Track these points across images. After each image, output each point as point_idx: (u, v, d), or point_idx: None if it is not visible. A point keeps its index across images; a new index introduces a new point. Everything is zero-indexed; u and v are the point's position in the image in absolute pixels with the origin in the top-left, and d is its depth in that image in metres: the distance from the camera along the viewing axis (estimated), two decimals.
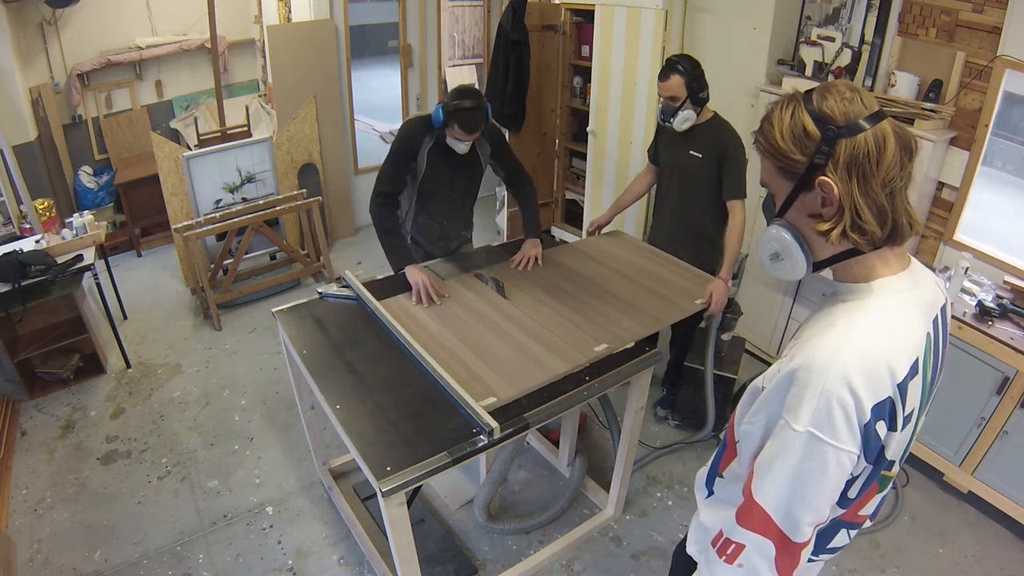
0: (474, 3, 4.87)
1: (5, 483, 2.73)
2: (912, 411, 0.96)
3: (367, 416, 1.73)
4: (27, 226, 3.68)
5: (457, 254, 2.66)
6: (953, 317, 2.47)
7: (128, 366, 3.49)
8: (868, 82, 2.85)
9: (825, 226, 0.93)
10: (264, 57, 4.94)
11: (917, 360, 0.94)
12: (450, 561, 2.38)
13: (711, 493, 1.20)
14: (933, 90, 2.65)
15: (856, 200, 0.90)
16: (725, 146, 2.49)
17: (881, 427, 0.90)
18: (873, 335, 0.91)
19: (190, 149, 4.09)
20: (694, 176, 2.60)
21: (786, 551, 0.94)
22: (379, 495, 1.53)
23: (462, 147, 2.38)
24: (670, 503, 2.66)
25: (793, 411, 0.90)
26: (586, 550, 2.45)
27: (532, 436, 2.88)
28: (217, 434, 3.02)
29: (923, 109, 2.58)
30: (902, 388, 0.90)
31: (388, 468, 1.55)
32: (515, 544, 2.47)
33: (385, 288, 2.33)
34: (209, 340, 3.73)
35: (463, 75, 5.99)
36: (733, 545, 0.99)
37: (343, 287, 2.32)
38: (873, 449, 0.91)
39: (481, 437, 1.65)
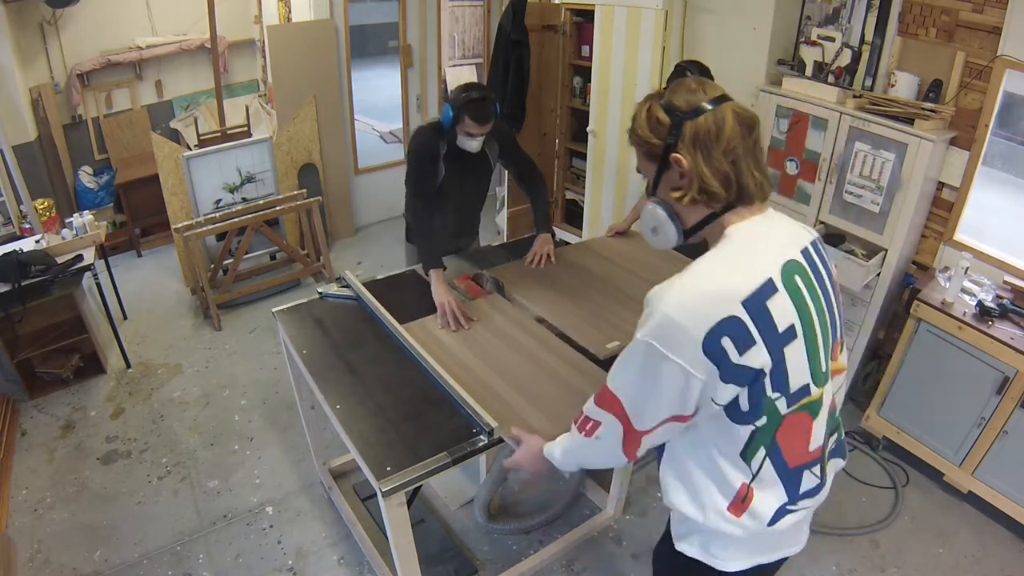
0: (474, 3, 4.87)
1: (5, 483, 2.73)
2: (790, 326, 1.06)
3: (367, 416, 1.73)
4: (27, 226, 3.68)
5: (457, 255, 2.66)
6: (953, 317, 2.47)
7: (128, 366, 3.49)
8: (868, 82, 2.85)
9: (678, 194, 1.11)
10: (264, 57, 4.94)
11: (771, 280, 1.05)
12: (450, 561, 2.38)
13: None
14: (933, 90, 2.65)
15: (701, 169, 1.07)
16: None
17: (728, 344, 1.02)
18: (709, 269, 1.08)
19: (190, 149, 4.09)
20: None
21: (631, 434, 1.15)
22: (379, 495, 1.53)
23: (474, 144, 2.36)
24: None
25: (641, 326, 1.08)
26: (586, 550, 2.45)
27: None
28: (217, 434, 3.02)
29: (923, 109, 2.58)
30: (753, 305, 1.02)
31: (388, 468, 1.55)
32: (515, 544, 2.47)
33: (386, 288, 2.33)
34: (209, 340, 3.73)
35: (463, 75, 5.99)
36: (591, 422, 1.21)
37: (343, 287, 2.32)
38: (727, 367, 1.03)
39: (481, 437, 1.65)
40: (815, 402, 1.13)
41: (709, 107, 1.07)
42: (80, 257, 3.20)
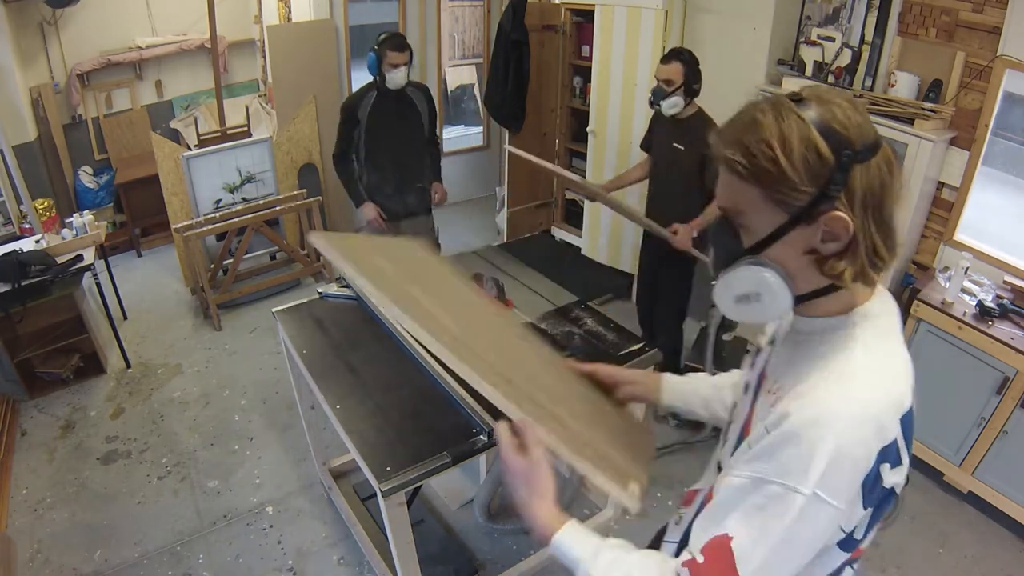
0: (474, 3, 4.87)
1: (5, 483, 2.73)
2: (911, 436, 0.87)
3: (367, 416, 1.73)
4: (27, 226, 3.68)
5: (457, 255, 2.67)
6: (953, 317, 2.47)
7: (128, 366, 3.49)
8: (868, 82, 2.85)
9: (840, 266, 0.79)
10: (264, 57, 4.94)
11: (912, 387, 0.85)
12: (450, 561, 2.38)
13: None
14: (933, 90, 2.65)
15: (872, 234, 0.79)
16: (707, 149, 2.54)
17: (885, 469, 0.82)
18: (874, 375, 0.81)
19: (190, 149, 4.09)
20: (675, 168, 2.73)
21: None
22: (379, 495, 1.53)
23: (400, 75, 2.84)
24: (670, 503, 2.66)
25: (798, 473, 0.77)
26: None
27: None
28: (217, 434, 3.02)
29: (923, 109, 2.58)
30: (905, 422, 0.82)
31: (388, 468, 1.55)
32: (515, 544, 2.47)
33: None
34: (209, 340, 3.73)
35: (463, 75, 5.99)
36: None
37: (343, 287, 2.32)
38: (877, 494, 0.84)
39: (481, 437, 1.65)
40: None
41: (879, 141, 0.77)
42: (80, 257, 3.20)
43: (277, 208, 3.95)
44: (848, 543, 0.88)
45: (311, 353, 2.00)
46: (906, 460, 0.84)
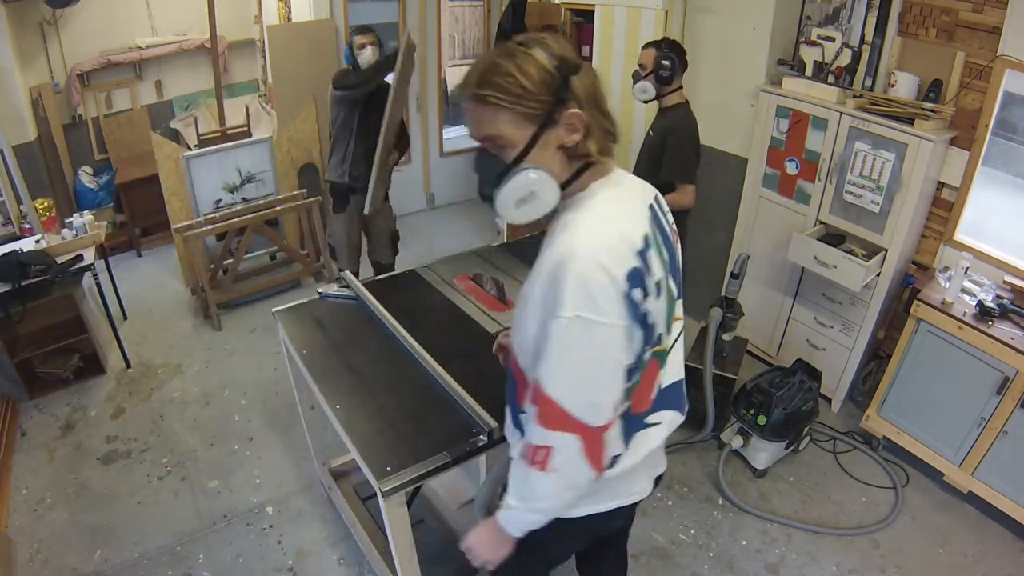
0: (474, 3, 4.87)
1: (5, 483, 2.73)
2: (659, 280, 1.09)
3: (367, 416, 1.73)
4: (27, 226, 3.68)
5: (457, 255, 2.67)
6: (953, 317, 2.47)
7: (128, 366, 3.49)
8: (868, 82, 2.85)
9: (588, 145, 1.06)
10: (264, 57, 4.94)
11: (647, 235, 1.07)
12: (450, 561, 2.38)
13: (524, 434, 1.18)
14: (933, 90, 2.65)
15: (600, 119, 1.06)
16: (673, 126, 2.67)
17: (638, 294, 1.02)
18: (603, 221, 1.05)
19: (190, 149, 4.09)
20: (645, 153, 2.81)
21: (591, 439, 1.03)
22: (379, 495, 1.53)
23: (368, 53, 3.17)
24: (670, 503, 2.66)
25: (559, 303, 0.99)
26: None
27: None
28: (217, 434, 3.02)
29: (923, 109, 2.57)
30: (644, 256, 1.04)
31: (388, 468, 1.55)
32: None
33: (385, 288, 2.33)
34: (209, 340, 3.73)
35: (463, 75, 5.98)
36: (541, 450, 1.05)
37: (343, 287, 2.32)
38: (637, 315, 1.03)
39: (481, 437, 1.65)
40: (664, 351, 1.18)
41: (581, 61, 1.06)
42: (80, 257, 3.20)
43: (277, 208, 3.94)
44: (628, 373, 1.06)
45: (311, 353, 2.00)
46: (655, 294, 1.07)
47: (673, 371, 1.27)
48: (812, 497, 2.70)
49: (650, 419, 1.22)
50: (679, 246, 1.25)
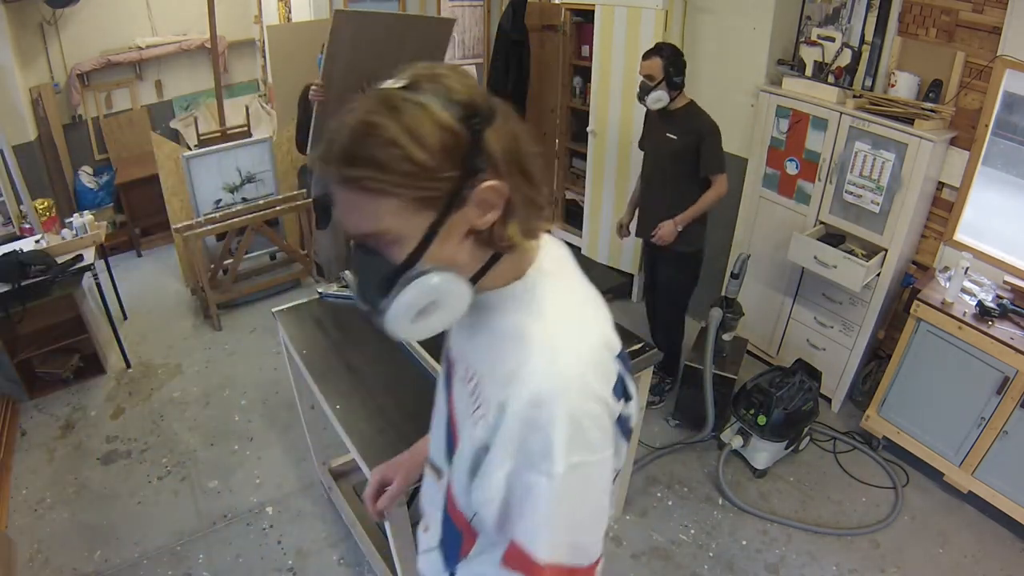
0: (474, 3, 4.86)
1: (5, 483, 2.73)
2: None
3: (367, 416, 1.73)
4: (27, 226, 3.68)
5: None
6: (953, 317, 2.47)
7: (128, 366, 3.49)
8: (868, 82, 2.85)
9: (508, 231, 0.76)
10: (264, 57, 4.94)
11: (611, 320, 0.86)
12: None
13: None
14: (933, 90, 2.65)
15: (524, 188, 0.76)
16: (701, 127, 2.70)
17: (624, 407, 0.82)
18: (574, 329, 0.80)
19: (190, 149, 4.09)
20: (670, 157, 2.79)
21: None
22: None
23: None
24: (670, 503, 2.66)
25: (546, 456, 0.74)
26: None
27: None
28: (217, 434, 3.02)
29: (923, 109, 2.57)
30: (623, 358, 0.84)
31: None
32: None
33: None
34: (209, 340, 3.73)
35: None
36: None
37: (343, 287, 2.32)
38: (625, 429, 0.85)
39: None
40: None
41: (492, 102, 0.74)
42: (80, 257, 3.20)
43: (277, 208, 3.94)
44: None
45: (311, 353, 2.00)
46: (635, 393, 0.85)
47: None
48: (812, 497, 2.70)
49: None
50: None
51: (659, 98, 2.67)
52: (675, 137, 2.74)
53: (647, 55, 2.68)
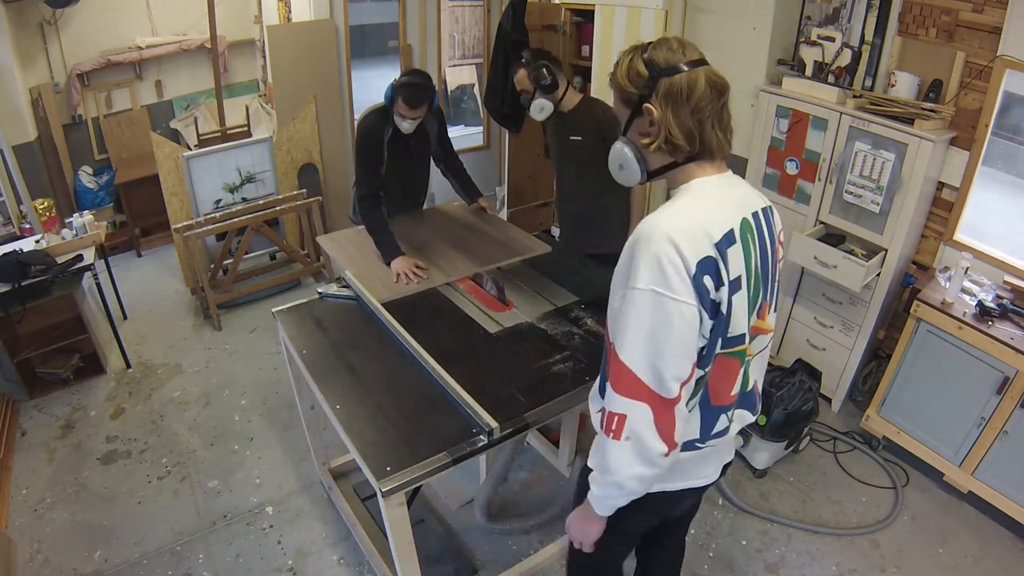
0: (474, 3, 4.86)
1: (5, 483, 2.73)
2: (738, 277, 1.17)
3: (367, 416, 1.73)
4: (27, 226, 3.68)
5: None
6: (953, 317, 2.47)
7: (128, 366, 3.49)
8: (868, 82, 2.85)
9: (647, 140, 1.20)
10: (264, 57, 4.94)
11: (732, 231, 1.16)
12: (450, 561, 2.38)
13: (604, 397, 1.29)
14: (933, 90, 2.65)
15: (669, 122, 1.17)
16: (600, 118, 2.55)
17: (708, 282, 1.11)
18: (687, 210, 1.17)
19: (190, 149, 4.09)
20: (580, 161, 2.68)
21: (662, 410, 1.12)
22: (379, 495, 1.53)
23: (406, 125, 2.53)
24: None
25: (634, 276, 1.11)
26: None
27: (532, 436, 2.88)
28: (217, 434, 3.02)
29: (923, 109, 2.57)
30: (720, 250, 1.12)
31: (388, 468, 1.55)
32: (515, 544, 2.47)
33: (384, 291, 2.33)
34: (209, 340, 3.73)
35: (463, 75, 5.98)
36: (616, 417, 1.15)
37: (343, 287, 2.32)
38: (707, 301, 1.11)
39: (481, 437, 1.65)
40: (744, 351, 1.25)
41: (685, 68, 1.16)
42: (80, 257, 3.20)
43: (277, 208, 3.95)
44: (700, 359, 1.16)
45: (311, 353, 2.00)
46: (728, 288, 1.14)
47: (755, 376, 1.36)
48: (812, 497, 2.70)
49: (728, 414, 1.31)
50: (779, 263, 1.33)
51: (541, 107, 2.57)
52: (580, 138, 2.62)
53: (515, 68, 2.62)
